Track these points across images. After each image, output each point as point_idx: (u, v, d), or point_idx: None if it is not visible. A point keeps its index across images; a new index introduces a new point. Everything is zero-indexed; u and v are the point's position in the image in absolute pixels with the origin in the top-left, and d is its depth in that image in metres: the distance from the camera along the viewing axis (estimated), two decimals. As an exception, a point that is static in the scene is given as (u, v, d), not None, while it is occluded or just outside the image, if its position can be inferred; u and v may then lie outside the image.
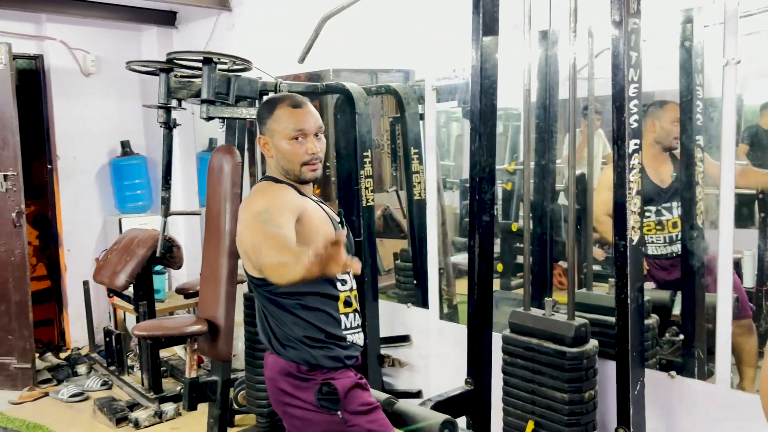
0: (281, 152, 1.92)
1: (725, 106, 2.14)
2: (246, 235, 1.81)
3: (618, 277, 2.12)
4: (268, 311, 1.93)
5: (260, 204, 1.80)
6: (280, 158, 1.92)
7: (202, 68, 2.70)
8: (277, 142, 1.91)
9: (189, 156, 5.09)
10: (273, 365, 1.93)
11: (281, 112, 1.91)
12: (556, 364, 2.28)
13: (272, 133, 1.92)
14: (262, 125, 1.94)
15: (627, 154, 2.06)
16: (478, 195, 2.53)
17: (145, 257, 3.66)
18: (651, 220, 2.84)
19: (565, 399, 2.25)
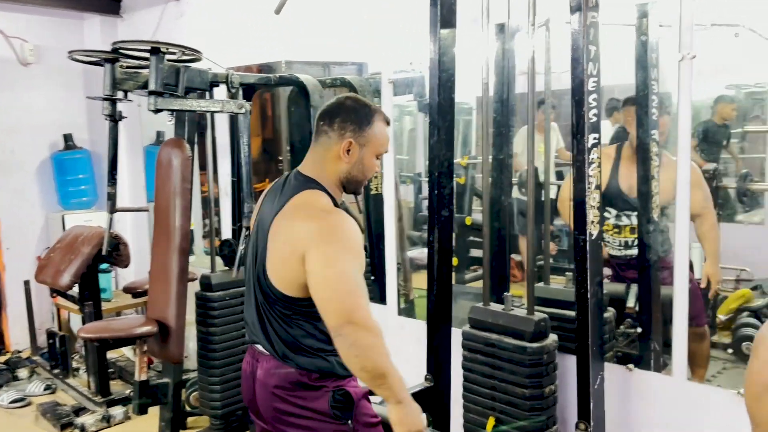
0: (364, 164, 1.81)
1: (681, 101, 2.15)
2: (338, 273, 1.61)
3: (578, 272, 2.12)
4: (281, 321, 1.75)
5: (353, 245, 1.66)
6: (358, 168, 1.81)
7: (150, 58, 2.58)
8: (366, 152, 1.80)
9: (135, 149, 4.92)
10: (273, 374, 1.76)
11: (380, 127, 1.83)
12: (516, 360, 2.27)
13: (367, 141, 1.79)
14: (359, 129, 1.78)
15: (586, 148, 2.05)
16: (437, 189, 2.49)
17: (90, 255, 3.52)
18: (610, 222, 2.87)
19: (526, 394, 2.25)
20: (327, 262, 1.61)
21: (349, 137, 1.78)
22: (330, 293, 1.60)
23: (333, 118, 1.79)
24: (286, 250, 1.68)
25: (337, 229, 1.66)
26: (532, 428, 2.26)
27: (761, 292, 4.69)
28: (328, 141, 1.79)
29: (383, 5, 3.12)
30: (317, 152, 1.82)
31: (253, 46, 3.86)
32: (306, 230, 1.65)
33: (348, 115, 1.79)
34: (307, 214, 1.69)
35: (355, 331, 1.55)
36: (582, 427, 2.14)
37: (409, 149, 3.88)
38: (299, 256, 1.63)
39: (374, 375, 1.58)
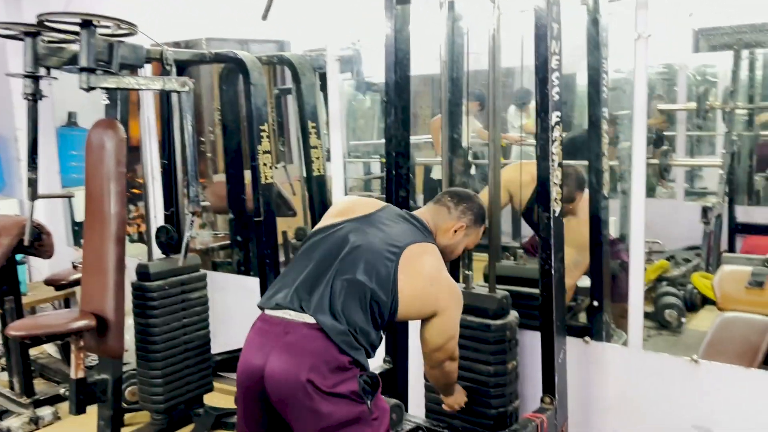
0: (457, 246, 2.14)
1: (637, 79, 2.21)
2: (454, 328, 2.01)
3: (542, 249, 2.15)
4: (357, 305, 1.86)
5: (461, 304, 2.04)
6: (452, 245, 2.13)
7: (81, 32, 2.39)
8: (464, 241, 2.14)
9: (47, 131, 4.55)
10: (315, 344, 1.80)
11: (481, 231, 2.18)
12: (480, 338, 2.28)
13: (471, 234, 2.14)
14: (473, 223, 2.13)
15: (550, 126, 2.07)
16: (394, 170, 2.46)
17: (10, 247, 3.24)
18: None
19: (490, 371, 2.27)
20: (450, 321, 1.99)
21: (464, 223, 2.11)
22: (445, 340, 1.99)
23: (461, 202, 2.13)
24: (423, 294, 1.94)
25: (458, 295, 2.02)
26: (496, 404, 2.29)
27: (675, 262, 4.98)
28: (448, 214, 2.11)
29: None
30: (435, 215, 2.12)
31: (172, 21, 3.67)
32: (445, 293, 1.96)
33: (473, 209, 2.13)
34: (443, 275, 1.98)
35: (451, 364, 2.06)
36: (547, 401, 2.19)
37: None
38: (431, 309, 1.95)
39: (450, 387, 2.20)
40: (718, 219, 4.57)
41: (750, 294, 2.87)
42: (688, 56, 5.00)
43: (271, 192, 3.10)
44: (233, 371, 3.52)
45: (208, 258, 4.19)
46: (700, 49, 4.88)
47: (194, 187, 2.51)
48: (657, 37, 2.25)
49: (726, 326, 2.80)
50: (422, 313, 1.96)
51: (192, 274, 3.11)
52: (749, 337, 2.71)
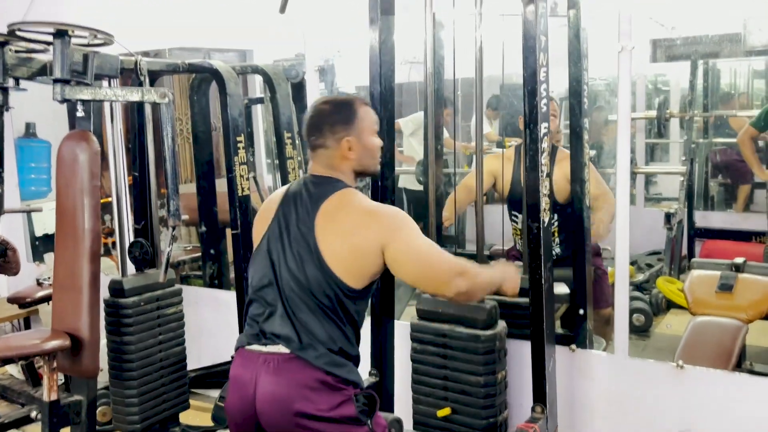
0: (369, 148, 1.91)
1: (621, 90, 2.26)
2: (423, 246, 1.81)
3: (531, 258, 2.16)
4: (321, 317, 1.78)
5: (411, 222, 1.84)
6: (366, 155, 1.90)
7: (54, 42, 2.31)
8: (365, 139, 1.90)
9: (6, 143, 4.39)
10: (297, 373, 1.73)
11: (364, 110, 1.91)
12: (470, 349, 2.28)
13: (361, 131, 1.88)
14: (348, 126, 1.87)
15: (539, 137, 2.09)
16: (379, 181, 2.45)
17: (-27, 265, 3.11)
18: (517, 226, 2.97)
19: (480, 382, 2.27)
20: (409, 244, 1.79)
21: (344, 136, 1.86)
22: (427, 264, 1.80)
23: (321, 128, 1.88)
24: (359, 245, 1.76)
25: (396, 216, 1.83)
26: (486, 414, 2.29)
27: (638, 267, 5.10)
28: (327, 150, 1.88)
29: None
30: (322, 159, 1.90)
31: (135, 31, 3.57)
32: (375, 227, 1.77)
33: (333, 119, 1.87)
34: (364, 212, 1.81)
35: (464, 279, 1.82)
36: (538, 410, 2.19)
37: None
38: (377, 250, 1.76)
39: (488, 291, 2.01)
40: (680, 224, 4.71)
41: (720, 298, 2.96)
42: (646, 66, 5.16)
43: (248, 204, 3.05)
44: (209, 387, 3.49)
45: (177, 271, 4.10)
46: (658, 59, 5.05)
47: (175, 201, 2.45)
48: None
49: (699, 330, 2.88)
50: (376, 261, 1.79)
51: (167, 290, 3.03)
52: (722, 340, 2.79)
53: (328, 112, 1.88)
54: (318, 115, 1.89)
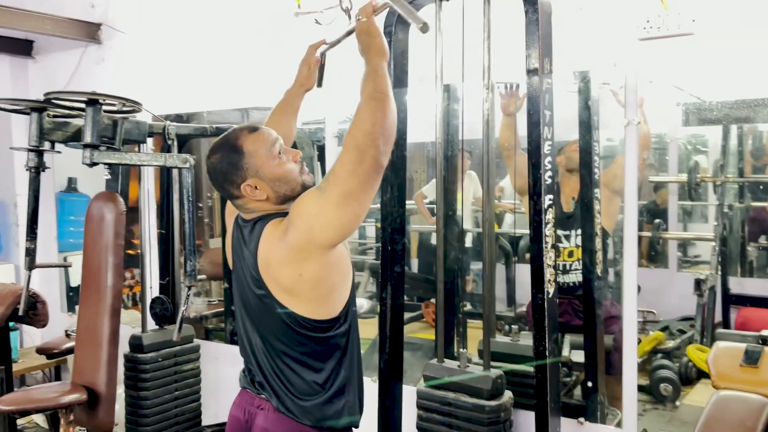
0: (277, 178, 1.70)
1: (627, 162, 2.27)
2: (324, 213, 1.55)
3: (536, 329, 2.15)
4: (288, 362, 1.71)
5: (306, 205, 1.59)
6: (279, 185, 1.70)
7: (86, 110, 2.46)
8: (266, 172, 1.68)
9: (46, 197, 4.59)
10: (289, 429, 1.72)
11: (250, 144, 1.69)
12: (474, 419, 2.25)
13: (256, 169, 1.68)
14: (240, 170, 1.68)
15: (543, 209, 2.11)
16: (390, 246, 2.48)
17: (3, 316, 3.23)
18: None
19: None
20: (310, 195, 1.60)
21: (241, 183, 1.69)
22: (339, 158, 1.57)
23: (219, 184, 1.73)
24: (283, 265, 1.62)
25: (272, 234, 1.65)
26: None
27: (669, 333, 4.97)
28: (240, 200, 1.73)
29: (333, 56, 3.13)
30: (240, 207, 1.76)
31: (175, 94, 3.76)
32: (291, 228, 1.60)
33: (222, 170, 1.70)
34: (278, 232, 1.65)
35: (369, 123, 1.55)
36: (542, 484, 2.15)
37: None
38: (290, 249, 1.59)
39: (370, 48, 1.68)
40: (711, 290, 4.60)
41: (745, 372, 2.87)
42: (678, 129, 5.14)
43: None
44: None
45: (200, 326, 4.17)
46: (690, 123, 5.02)
47: (191, 261, 2.53)
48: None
49: (721, 405, 2.79)
50: (293, 267, 1.61)
51: (185, 346, 3.11)
52: (745, 417, 2.70)
53: (216, 165, 1.71)
54: (211, 172, 1.74)
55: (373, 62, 1.63)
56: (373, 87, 1.58)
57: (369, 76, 1.61)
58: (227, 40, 3.48)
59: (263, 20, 3.33)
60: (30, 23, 3.83)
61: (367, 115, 1.55)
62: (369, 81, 1.60)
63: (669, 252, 5.16)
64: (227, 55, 3.48)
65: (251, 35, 3.36)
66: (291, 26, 3.12)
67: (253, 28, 3.35)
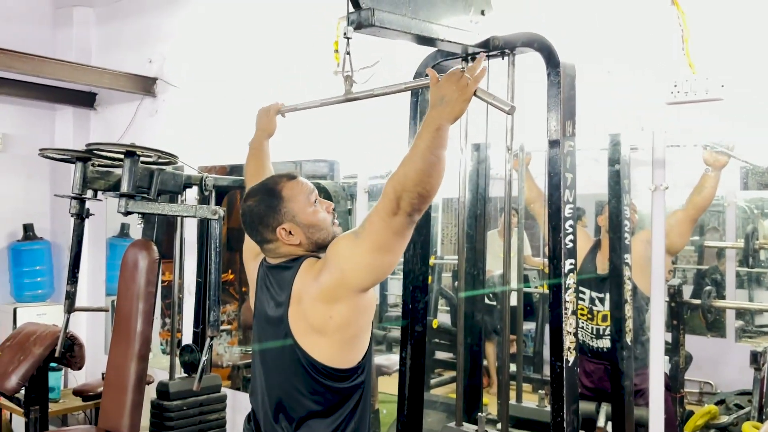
0: (311, 225, 1.75)
1: (654, 227, 2.20)
2: (354, 255, 1.59)
3: (554, 399, 2.06)
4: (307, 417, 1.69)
5: (341, 248, 1.63)
6: (313, 232, 1.76)
7: (124, 161, 2.56)
8: (301, 218, 1.74)
9: (98, 241, 4.79)
10: None
11: (289, 190, 1.76)
12: None
13: (293, 214, 1.74)
14: (277, 214, 1.73)
15: (563, 273, 2.05)
16: (411, 304, 2.45)
17: (41, 357, 3.33)
18: (584, 305, 2.86)
19: None
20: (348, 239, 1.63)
21: (277, 227, 1.73)
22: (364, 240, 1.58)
23: (254, 226, 1.77)
24: (315, 304, 1.64)
25: (309, 268, 1.69)
26: None
27: (726, 407, 4.68)
28: (271, 245, 1.77)
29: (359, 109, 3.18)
30: (271, 252, 1.79)
31: (224, 145, 3.88)
32: (330, 258, 1.64)
33: (260, 213, 1.75)
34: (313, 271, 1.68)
35: (395, 201, 1.52)
36: None
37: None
38: (323, 289, 1.62)
39: (433, 151, 1.53)
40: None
41: (796, 455, 2.67)
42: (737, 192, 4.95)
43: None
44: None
45: (237, 374, 4.18)
46: (749, 187, 4.83)
47: (215, 312, 2.56)
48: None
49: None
50: (321, 313, 1.64)
51: (211, 395, 3.11)
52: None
53: (253, 208, 1.77)
54: (247, 214, 1.79)
55: (440, 120, 1.55)
56: (429, 145, 1.52)
57: (429, 133, 1.54)
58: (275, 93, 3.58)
59: (308, 76, 3.42)
60: (89, 77, 4.06)
61: (414, 172, 1.51)
62: (427, 137, 1.53)
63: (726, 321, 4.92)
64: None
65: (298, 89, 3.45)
66: (332, 82, 3.20)
67: (299, 82, 3.43)
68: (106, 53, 4.66)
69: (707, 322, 4.38)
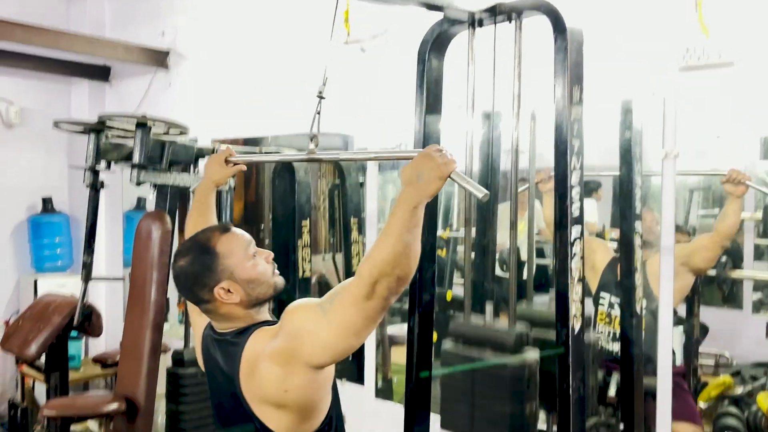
0: (251, 280, 1.60)
1: (665, 195, 2.18)
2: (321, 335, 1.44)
3: (560, 366, 2.07)
4: None
5: (302, 320, 1.47)
6: (253, 287, 1.60)
7: (135, 131, 2.59)
8: (240, 273, 1.59)
9: (115, 214, 4.86)
10: None
11: (223, 244, 1.61)
12: (497, 376, 2.17)
13: (230, 270, 1.59)
14: (213, 273, 1.58)
15: (569, 241, 2.05)
16: (419, 273, 2.46)
17: (60, 326, 3.40)
18: (603, 310, 2.85)
19: (506, 411, 2.14)
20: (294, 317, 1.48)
21: (214, 286, 1.58)
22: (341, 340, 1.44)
23: (189, 288, 1.63)
24: (268, 377, 1.52)
25: (293, 307, 1.52)
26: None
27: (741, 378, 4.66)
28: (209, 305, 1.62)
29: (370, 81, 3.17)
30: (211, 315, 1.66)
31: (239, 119, 3.89)
32: (284, 327, 1.49)
33: (195, 276, 1.61)
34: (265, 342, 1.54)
35: (369, 284, 1.39)
36: None
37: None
38: (277, 362, 1.49)
39: (407, 236, 1.43)
40: (785, 335, 4.30)
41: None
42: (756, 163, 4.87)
43: (308, 286, 3.16)
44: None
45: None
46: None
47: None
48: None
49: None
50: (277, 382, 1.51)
51: (226, 363, 3.16)
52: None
53: (186, 268, 1.61)
54: (180, 276, 1.63)
55: (417, 197, 1.44)
56: (407, 225, 1.42)
57: (407, 212, 1.42)
58: (288, 66, 3.57)
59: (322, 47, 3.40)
60: (104, 50, 4.08)
61: (392, 255, 1.39)
62: (404, 216, 1.42)
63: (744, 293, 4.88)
64: (288, 80, 3.56)
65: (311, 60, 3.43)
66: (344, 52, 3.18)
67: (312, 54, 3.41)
68: (119, 26, 4.68)
69: (724, 294, 4.35)
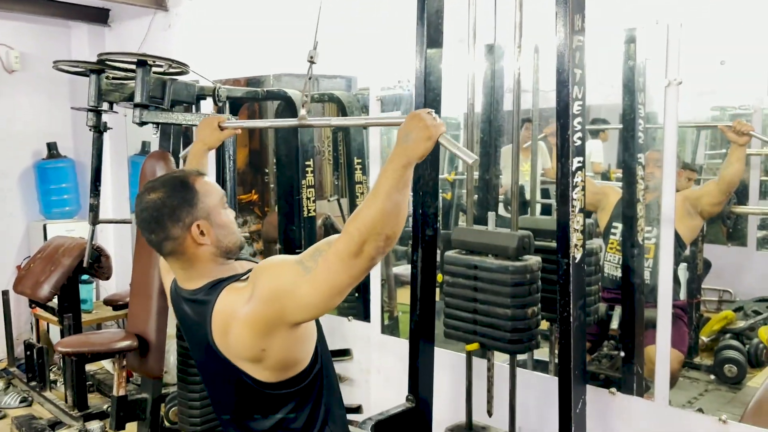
0: (224, 227, 1.59)
1: (667, 125, 2.16)
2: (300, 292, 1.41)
3: (561, 295, 2.11)
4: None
5: (281, 279, 1.44)
6: (225, 234, 1.59)
7: (136, 71, 2.57)
8: (216, 217, 1.58)
9: (120, 159, 4.88)
10: None
11: (203, 185, 1.59)
12: (498, 280, 2.21)
13: (207, 210, 1.56)
14: (192, 208, 1.54)
15: (570, 171, 2.05)
16: (421, 209, 2.48)
17: (71, 267, 3.47)
18: (615, 239, 2.87)
19: (508, 315, 2.20)
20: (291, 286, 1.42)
21: (191, 223, 1.54)
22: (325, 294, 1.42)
23: (160, 220, 1.54)
24: (244, 338, 1.49)
25: (265, 263, 1.51)
26: (514, 350, 2.23)
27: (744, 313, 4.72)
28: (174, 243, 1.55)
29: (373, 19, 3.12)
30: (178, 262, 1.59)
31: (241, 58, 3.86)
32: (255, 289, 1.46)
33: (171, 209, 1.54)
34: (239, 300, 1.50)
35: (355, 244, 1.37)
36: (563, 451, 2.12)
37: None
38: (254, 323, 1.46)
39: (398, 197, 1.40)
40: (789, 270, 4.33)
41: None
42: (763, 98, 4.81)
43: (312, 225, 3.19)
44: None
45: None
46: (779, 89, 4.68)
47: (232, 219, 2.61)
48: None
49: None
50: (256, 342, 1.48)
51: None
52: (801, 399, 2.55)
53: (163, 200, 1.54)
54: (151, 209, 1.54)
55: (406, 157, 1.42)
56: (396, 184, 1.39)
57: (396, 171, 1.40)
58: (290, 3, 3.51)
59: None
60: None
61: (381, 213, 1.38)
62: (393, 175, 1.40)
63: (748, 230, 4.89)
64: (289, 16, 3.50)
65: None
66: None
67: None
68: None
69: (728, 231, 4.37)
